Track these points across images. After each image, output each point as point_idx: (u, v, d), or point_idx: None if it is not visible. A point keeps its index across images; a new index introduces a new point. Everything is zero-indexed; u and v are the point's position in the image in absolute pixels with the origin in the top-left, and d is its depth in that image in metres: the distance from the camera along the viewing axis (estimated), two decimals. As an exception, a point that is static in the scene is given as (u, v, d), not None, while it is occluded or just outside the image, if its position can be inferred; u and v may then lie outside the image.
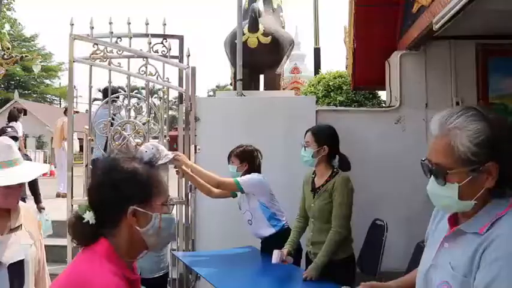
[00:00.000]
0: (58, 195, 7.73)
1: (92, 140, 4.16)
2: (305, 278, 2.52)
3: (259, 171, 3.25)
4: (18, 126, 7.09)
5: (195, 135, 4.16)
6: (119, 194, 1.20)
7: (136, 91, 6.26)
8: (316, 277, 2.52)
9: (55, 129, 8.66)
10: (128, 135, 4.22)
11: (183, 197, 4.15)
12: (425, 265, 1.32)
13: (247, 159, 3.24)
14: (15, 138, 4.08)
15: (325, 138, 2.78)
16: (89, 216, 1.20)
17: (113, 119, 4.13)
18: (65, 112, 7.65)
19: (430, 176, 1.23)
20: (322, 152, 2.75)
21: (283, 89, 6.64)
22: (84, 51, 4.14)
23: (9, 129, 5.48)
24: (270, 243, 2.99)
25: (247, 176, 3.14)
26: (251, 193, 3.13)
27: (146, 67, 4.08)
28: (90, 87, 4.22)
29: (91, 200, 1.24)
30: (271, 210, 3.13)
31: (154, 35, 4.16)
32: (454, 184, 1.17)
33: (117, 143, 4.11)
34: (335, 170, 2.77)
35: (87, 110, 4.70)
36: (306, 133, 2.85)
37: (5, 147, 1.75)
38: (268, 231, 3.11)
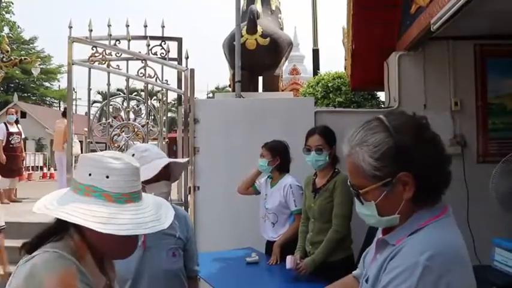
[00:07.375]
0: None
1: (91, 142, 4.16)
2: (300, 270, 2.53)
3: (288, 167, 3.19)
4: None
5: (194, 137, 4.16)
6: None
7: (135, 93, 6.27)
8: (310, 271, 2.54)
9: (55, 132, 8.63)
10: (127, 137, 4.24)
11: (182, 198, 4.15)
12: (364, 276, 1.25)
13: (280, 153, 3.15)
14: None
15: (334, 139, 2.79)
16: None
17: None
18: (63, 114, 7.64)
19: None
20: (332, 154, 2.76)
21: (282, 90, 6.64)
22: (83, 53, 4.16)
23: None
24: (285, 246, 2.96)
25: (297, 193, 3.03)
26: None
27: (145, 69, 4.10)
28: (89, 90, 4.24)
29: None
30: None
31: (152, 37, 4.17)
32: (371, 202, 1.10)
33: (116, 145, 4.12)
34: (336, 170, 2.77)
35: (86, 113, 4.71)
36: (309, 136, 2.82)
37: (132, 172, 1.18)
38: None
